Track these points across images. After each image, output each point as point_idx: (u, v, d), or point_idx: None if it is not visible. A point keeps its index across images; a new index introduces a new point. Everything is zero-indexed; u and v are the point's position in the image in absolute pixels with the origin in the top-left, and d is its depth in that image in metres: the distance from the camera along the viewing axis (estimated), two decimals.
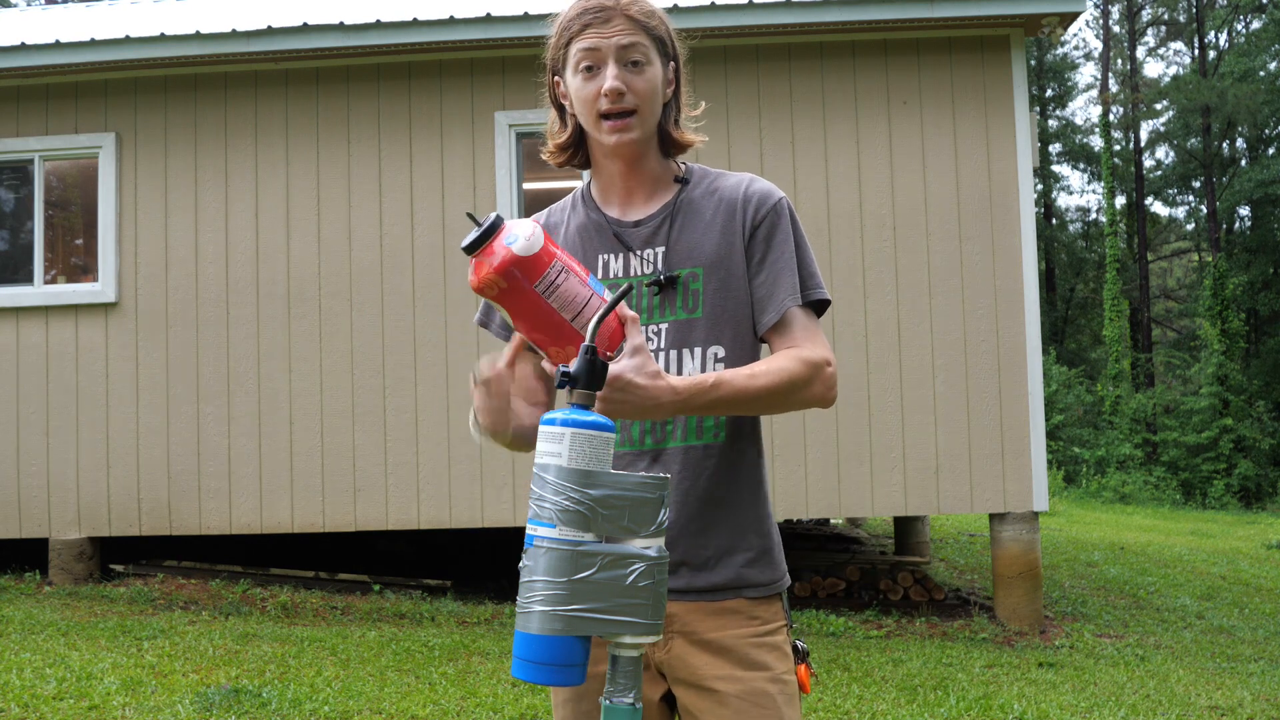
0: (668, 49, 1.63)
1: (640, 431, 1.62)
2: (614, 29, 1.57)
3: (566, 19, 1.62)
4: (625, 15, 1.58)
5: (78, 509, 7.17)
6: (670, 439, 1.61)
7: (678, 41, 1.66)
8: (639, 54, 1.58)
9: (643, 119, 1.60)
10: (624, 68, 1.58)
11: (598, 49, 1.57)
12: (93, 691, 4.53)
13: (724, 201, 1.65)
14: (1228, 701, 5.11)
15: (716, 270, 1.62)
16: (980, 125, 6.94)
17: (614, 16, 1.57)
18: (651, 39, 1.60)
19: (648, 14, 1.60)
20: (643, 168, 1.66)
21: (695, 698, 1.59)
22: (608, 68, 1.57)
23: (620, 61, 1.57)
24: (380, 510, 7.00)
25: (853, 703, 4.77)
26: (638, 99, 1.58)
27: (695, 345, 1.61)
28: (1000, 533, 6.81)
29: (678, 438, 1.61)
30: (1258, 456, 22.24)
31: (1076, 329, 32.42)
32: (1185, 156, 30.38)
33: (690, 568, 1.59)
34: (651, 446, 1.61)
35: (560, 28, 1.63)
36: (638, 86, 1.58)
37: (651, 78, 1.59)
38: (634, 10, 1.58)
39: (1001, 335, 6.82)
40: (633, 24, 1.58)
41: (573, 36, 1.60)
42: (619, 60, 1.57)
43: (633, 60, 1.58)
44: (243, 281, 7.16)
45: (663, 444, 1.61)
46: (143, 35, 7.12)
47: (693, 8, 6.75)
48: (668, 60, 1.63)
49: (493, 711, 4.46)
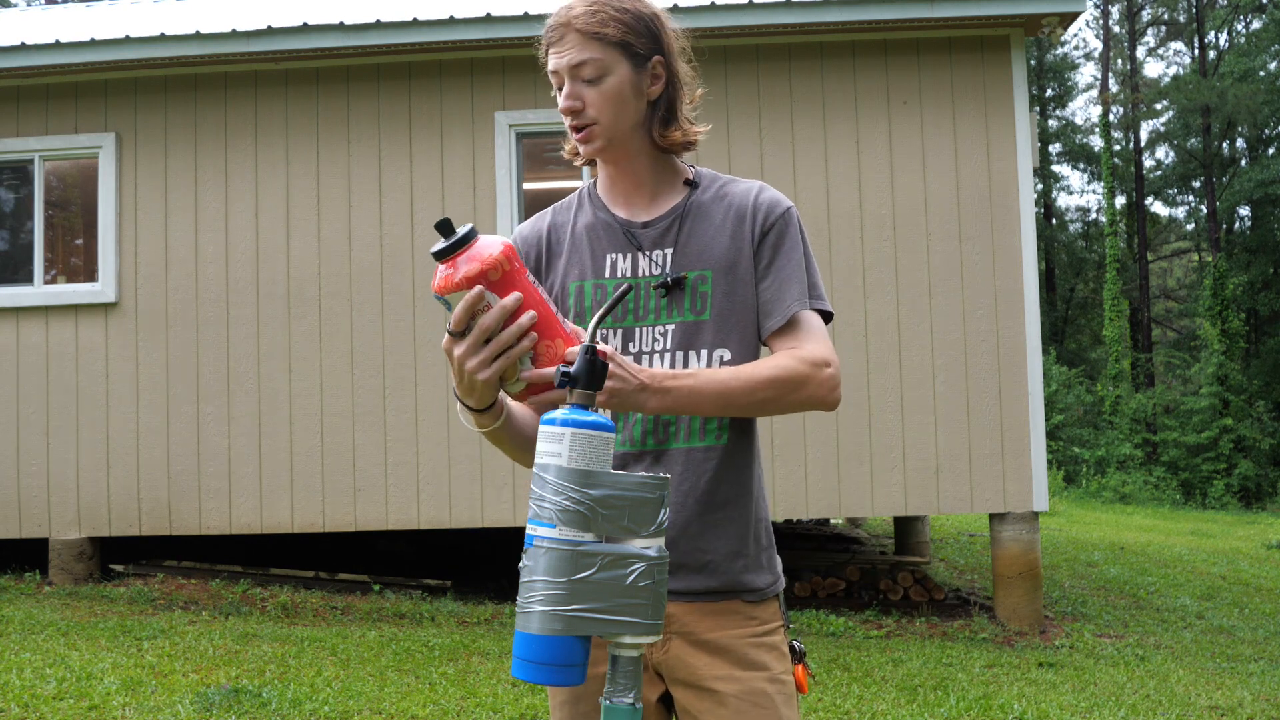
0: (636, 49, 1.60)
1: (642, 432, 1.61)
2: (566, 48, 1.58)
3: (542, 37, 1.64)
4: (575, 31, 1.57)
5: (78, 509, 7.17)
6: (673, 440, 1.61)
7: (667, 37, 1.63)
8: (590, 69, 1.57)
9: (605, 128, 1.60)
10: (578, 84, 1.59)
11: (557, 70, 1.60)
12: (93, 691, 4.53)
13: (734, 206, 1.65)
14: (1228, 701, 5.11)
15: (725, 274, 1.62)
16: (980, 125, 6.94)
17: (567, 34, 1.58)
18: (609, 46, 1.58)
19: (599, 23, 1.57)
20: (633, 169, 1.66)
21: (694, 698, 1.59)
22: (565, 86, 1.60)
23: (574, 79, 1.59)
24: (380, 510, 7.00)
25: (853, 703, 4.77)
26: (595, 111, 1.59)
27: (702, 348, 1.61)
28: (1000, 533, 6.82)
29: (680, 439, 1.61)
30: (1258, 456, 22.24)
31: (1076, 329, 32.42)
32: (1185, 156, 30.38)
33: (688, 570, 1.59)
34: (653, 447, 1.61)
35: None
36: (590, 98, 1.58)
37: (609, 88, 1.58)
38: (582, 24, 1.57)
39: (1001, 335, 6.82)
40: (582, 39, 1.57)
41: (543, 57, 1.64)
42: (573, 78, 1.59)
43: (585, 77, 1.58)
44: (243, 281, 7.16)
45: (665, 445, 1.61)
46: (143, 35, 7.12)
47: (693, 8, 6.75)
48: (643, 60, 1.60)
49: (493, 711, 4.46)
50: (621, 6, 1.59)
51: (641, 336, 1.62)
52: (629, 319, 1.63)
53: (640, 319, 1.62)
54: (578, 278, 1.66)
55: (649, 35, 1.61)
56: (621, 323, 1.63)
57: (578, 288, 1.66)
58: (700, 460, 1.60)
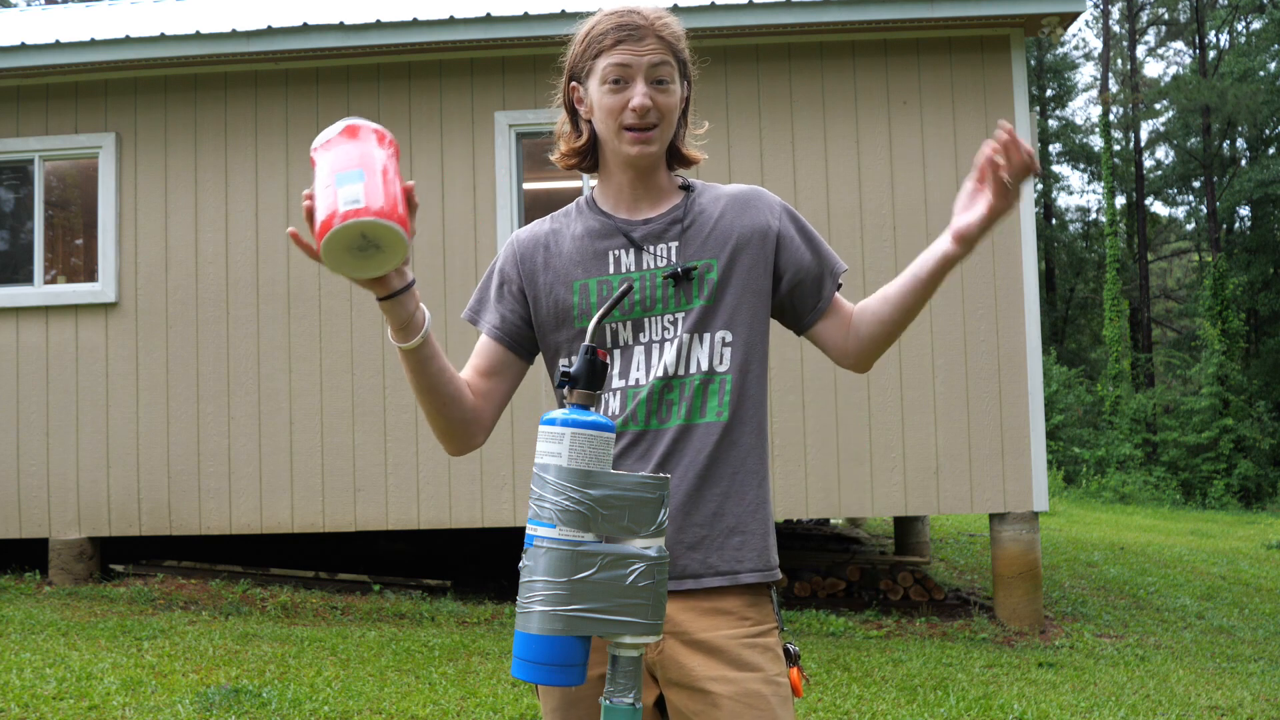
0: (687, 70, 1.72)
1: (646, 412, 1.64)
2: (646, 48, 1.64)
3: (597, 32, 1.66)
4: (658, 36, 1.65)
5: (78, 509, 7.17)
6: (673, 417, 1.64)
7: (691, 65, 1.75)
8: (666, 73, 1.65)
9: (662, 134, 1.67)
10: (652, 85, 1.65)
11: (629, 65, 1.63)
12: (93, 691, 4.53)
13: (733, 200, 1.74)
14: (1228, 701, 5.11)
15: (730, 261, 1.68)
16: (980, 125, 6.94)
17: (647, 35, 1.64)
18: (677, 61, 1.68)
19: (676, 37, 1.68)
20: (652, 179, 1.73)
21: (688, 699, 1.59)
22: (637, 84, 1.64)
23: (649, 79, 1.64)
24: (380, 510, 7.00)
25: (853, 703, 4.77)
26: (660, 116, 1.65)
27: (708, 331, 1.66)
28: (1000, 533, 6.82)
29: (680, 416, 1.63)
30: (1258, 456, 22.24)
31: (1076, 329, 32.42)
32: (1185, 156, 30.38)
33: (683, 545, 1.61)
34: (656, 426, 1.64)
35: (589, 39, 1.68)
36: (662, 104, 1.65)
37: (674, 96, 1.67)
38: (666, 32, 1.66)
39: (1001, 335, 6.82)
40: (663, 44, 1.65)
41: (603, 49, 1.65)
42: (648, 78, 1.64)
43: (659, 79, 1.65)
44: (243, 281, 7.16)
45: (666, 423, 1.64)
46: (143, 35, 7.12)
47: (693, 8, 6.75)
48: (685, 81, 1.71)
49: (493, 711, 4.46)
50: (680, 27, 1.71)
51: (652, 326, 1.67)
52: (637, 310, 1.67)
53: (648, 309, 1.66)
54: (581, 276, 1.70)
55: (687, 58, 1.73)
56: (630, 314, 1.67)
57: (582, 286, 1.69)
58: (700, 436, 1.63)
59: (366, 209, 1.35)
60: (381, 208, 1.36)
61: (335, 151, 1.42)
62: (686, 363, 1.64)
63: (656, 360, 1.65)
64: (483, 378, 1.73)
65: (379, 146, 1.43)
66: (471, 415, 1.68)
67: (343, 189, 1.38)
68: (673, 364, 1.64)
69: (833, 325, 1.77)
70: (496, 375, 1.73)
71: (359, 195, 1.36)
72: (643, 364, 1.65)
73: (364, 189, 1.37)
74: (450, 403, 1.64)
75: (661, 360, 1.64)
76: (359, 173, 1.39)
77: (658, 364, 1.64)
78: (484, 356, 1.74)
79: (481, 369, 1.73)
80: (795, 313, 1.76)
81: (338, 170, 1.40)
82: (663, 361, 1.64)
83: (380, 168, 1.41)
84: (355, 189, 1.37)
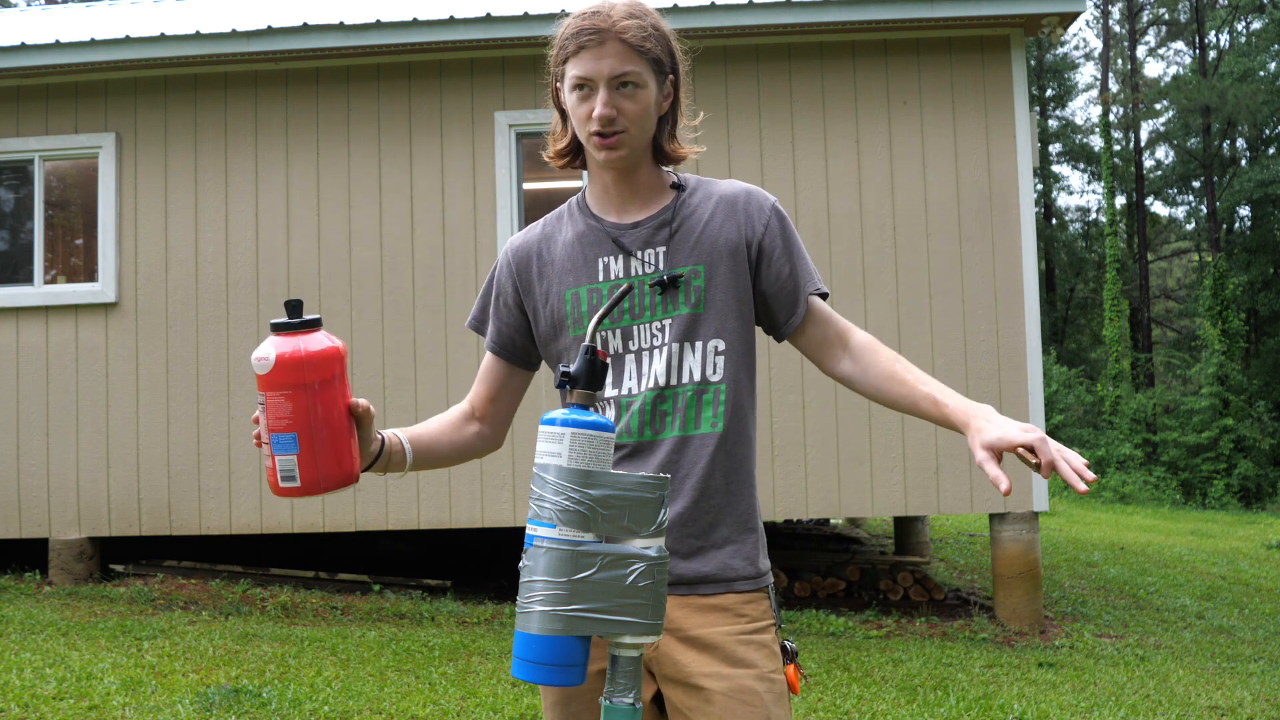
0: (664, 66, 1.65)
1: (639, 423, 1.63)
2: (607, 55, 1.58)
3: (564, 36, 1.63)
4: (619, 40, 1.58)
5: (78, 509, 7.17)
6: (669, 429, 1.63)
7: (678, 55, 1.68)
8: (630, 79, 1.60)
9: (632, 137, 1.63)
10: (615, 92, 1.60)
11: (589, 76, 1.59)
12: (93, 691, 4.53)
13: (723, 201, 1.71)
14: (1228, 701, 5.11)
15: (717, 267, 1.66)
16: (980, 125, 6.94)
17: (608, 40, 1.58)
18: (646, 60, 1.61)
19: (642, 37, 1.60)
20: (635, 178, 1.70)
21: (683, 695, 1.59)
22: (599, 93, 1.59)
23: (611, 87, 1.59)
24: (380, 510, 7.00)
25: (853, 703, 4.77)
26: (627, 120, 1.61)
27: (698, 339, 1.65)
28: (1000, 533, 6.82)
29: (675, 427, 1.63)
30: (1258, 456, 22.24)
31: (1076, 329, 32.41)
32: (1185, 156, 30.38)
33: (678, 556, 1.61)
34: (650, 438, 1.64)
35: (558, 44, 1.65)
36: (628, 109, 1.61)
37: (643, 100, 1.62)
38: (628, 35, 1.59)
39: (1001, 335, 6.82)
40: (626, 49, 1.59)
41: (568, 56, 1.62)
42: (610, 86, 1.59)
43: (624, 83, 1.60)
44: (243, 281, 7.16)
45: (661, 434, 1.64)
46: (143, 35, 7.12)
47: (693, 8, 6.75)
48: (664, 76, 1.65)
49: (493, 711, 4.46)
50: (653, 23, 1.63)
51: (640, 334, 1.66)
52: (625, 318, 1.66)
53: (637, 317, 1.66)
54: (572, 284, 1.70)
55: (669, 54, 1.66)
56: (619, 323, 1.66)
57: (573, 294, 1.69)
58: (695, 448, 1.63)
59: (300, 488, 1.43)
60: (315, 480, 1.43)
61: (270, 400, 1.44)
62: (679, 372, 1.64)
63: (647, 369, 1.64)
64: (490, 403, 1.80)
65: (310, 384, 1.44)
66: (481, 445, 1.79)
67: (280, 457, 1.43)
68: (663, 374, 1.63)
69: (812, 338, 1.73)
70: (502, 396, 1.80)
71: (293, 471, 1.43)
72: (634, 373, 1.65)
73: (297, 462, 1.43)
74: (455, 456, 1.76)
75: (652, 370, 1.64)
76: (292, 439, 1.43)
77: (649, 374, 1.64)
78: (488, 380, 1.79)
79: (488, 394, 1.79)
80: (771, 323, 1.75)
81: (273, 430, 1.44)
82: (653, 371, 1.63)
83: (315, 421, 1.43)
84: (289, 461, 1.43)
